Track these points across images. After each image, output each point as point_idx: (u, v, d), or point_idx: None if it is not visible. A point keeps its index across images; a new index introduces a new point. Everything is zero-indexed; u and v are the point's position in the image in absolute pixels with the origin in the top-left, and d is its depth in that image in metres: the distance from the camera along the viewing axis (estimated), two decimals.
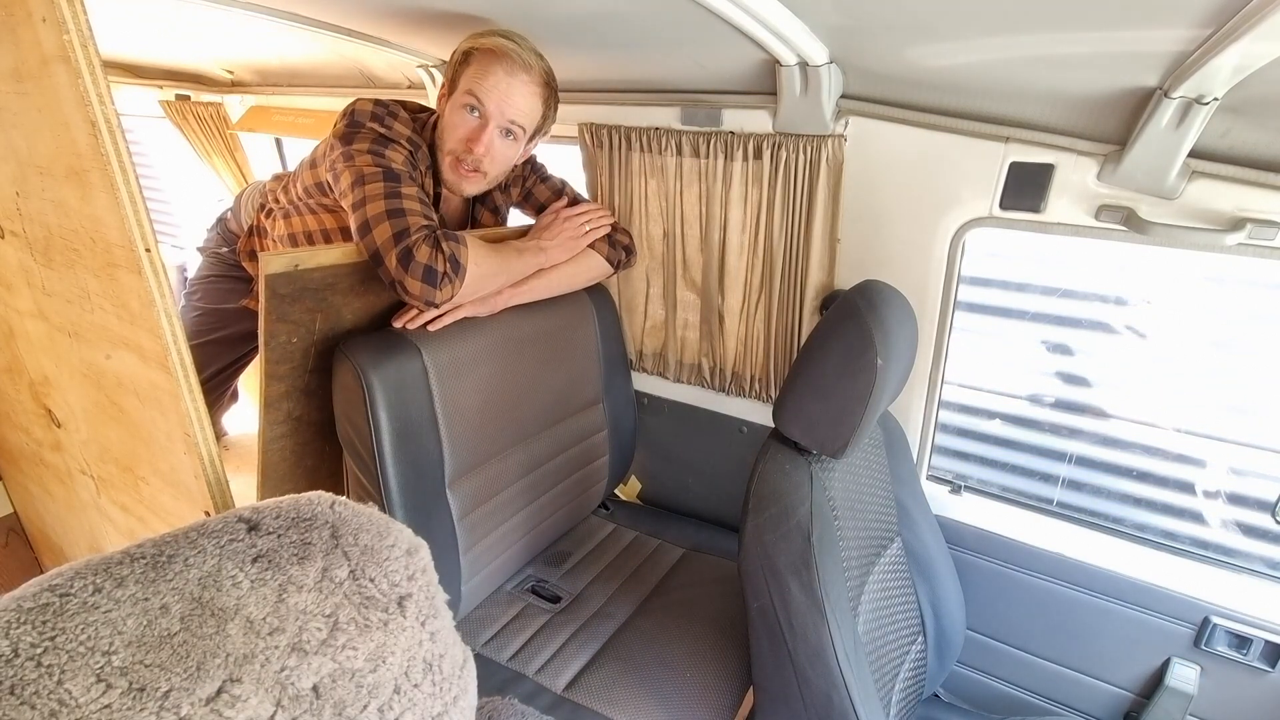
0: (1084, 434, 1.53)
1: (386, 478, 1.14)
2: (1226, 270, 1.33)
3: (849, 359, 0.93)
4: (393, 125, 1.21)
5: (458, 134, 1.24)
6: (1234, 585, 1.22)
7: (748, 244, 1.46)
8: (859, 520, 1.10)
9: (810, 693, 0.96)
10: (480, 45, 1.19)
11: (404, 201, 1.10)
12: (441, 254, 1.08)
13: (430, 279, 1.07)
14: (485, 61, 1.19)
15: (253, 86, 2.48)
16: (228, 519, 0.52)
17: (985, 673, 1.48)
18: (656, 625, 1.38)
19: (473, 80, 1.20)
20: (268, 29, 1.53)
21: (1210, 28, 0.77)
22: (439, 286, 1.08)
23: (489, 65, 1.19)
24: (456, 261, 1.10)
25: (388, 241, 1.06)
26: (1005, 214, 1.18)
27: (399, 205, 1.10)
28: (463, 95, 1.21)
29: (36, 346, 1.23)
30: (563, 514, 1.57)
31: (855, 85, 1.21)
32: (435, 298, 1.09)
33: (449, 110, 1.24)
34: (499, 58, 1.18)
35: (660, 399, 1.79)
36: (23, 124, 0.93)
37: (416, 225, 1.08)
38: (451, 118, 1.24)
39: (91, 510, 1.38)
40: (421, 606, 0.55)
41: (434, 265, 1.07)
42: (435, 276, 1.08)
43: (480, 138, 1.22)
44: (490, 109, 1.21)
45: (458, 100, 1.22)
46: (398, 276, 1.06)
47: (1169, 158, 0.98)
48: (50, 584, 0.44)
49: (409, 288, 1.07)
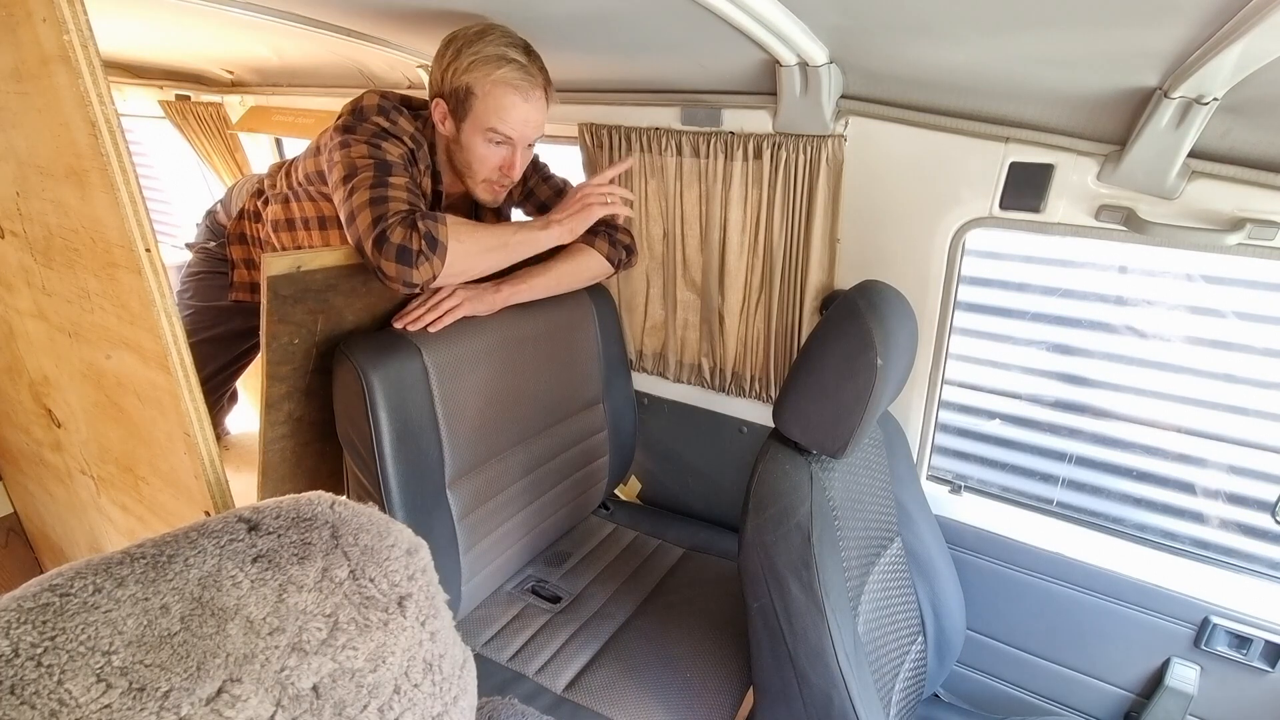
0: (1084, 434, 1.53)
1: (387, 478, 1.14)
2: (1226, 270, 1.33)
3: (849, 359, 0.93)
4: (397, 120, 1.20)
5: (490, 164, 1.24)
6: (1234, 585, 1.22)
7: (748, 244, 1.46)
8: (859, 520, 1.10)
9: (810, 693, 0.96)
10: (491, 80, 1.15)
11: (389, 190, 1.10)
12: (416, 233, 1.07)
13: (405, 259, 1.06)
14: (500, 94, 1.16)
15: (253, 86, 2.48)
16: (228, 519, 0.52)
17: (985, 673, 1.48)
18: (656, 625, 1.38)
19: (493, 116, 1.18)
20: (268, 29, 1.53)
21: (1210, 28, 0.77)
22: (415, 265, 1.07)
23: (506, 97, 1.17)
24: (434, 239, 1.09)
25: (367, 228, 1.07)
26: (1005, 214, 1.18)
27: (383, 194, 1.09)
28: (485, 132, 1.19)
29: (36, 346, 1.23)
30: (563, 514, 1.57)
31: (855, 85, 1.21)
32: (412, 277, 1.07)
33: (469, 139, 1.22)
34: (514, 88, 1.16)
35: (660, 399, 1.79)
36: (23, 124, 0.93)
37: (394, 210, 1.08)
38: (477, 150, 1.22)
39: (91, 510, 1.38)
40: (421, 606, 0.55)
41: (408, 245, 1.06)
42: (410, 255, 1.06)
43: (515, 162, 1.24)
44: (516, 138, 1.21)
45: (478, 134, 1.20)
46: (374, 261, 1.06)
47: (1169, 158, 0.98)
48: (50, 584, 0.44)
49: (385, 270, 1.06)
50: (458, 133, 1.22)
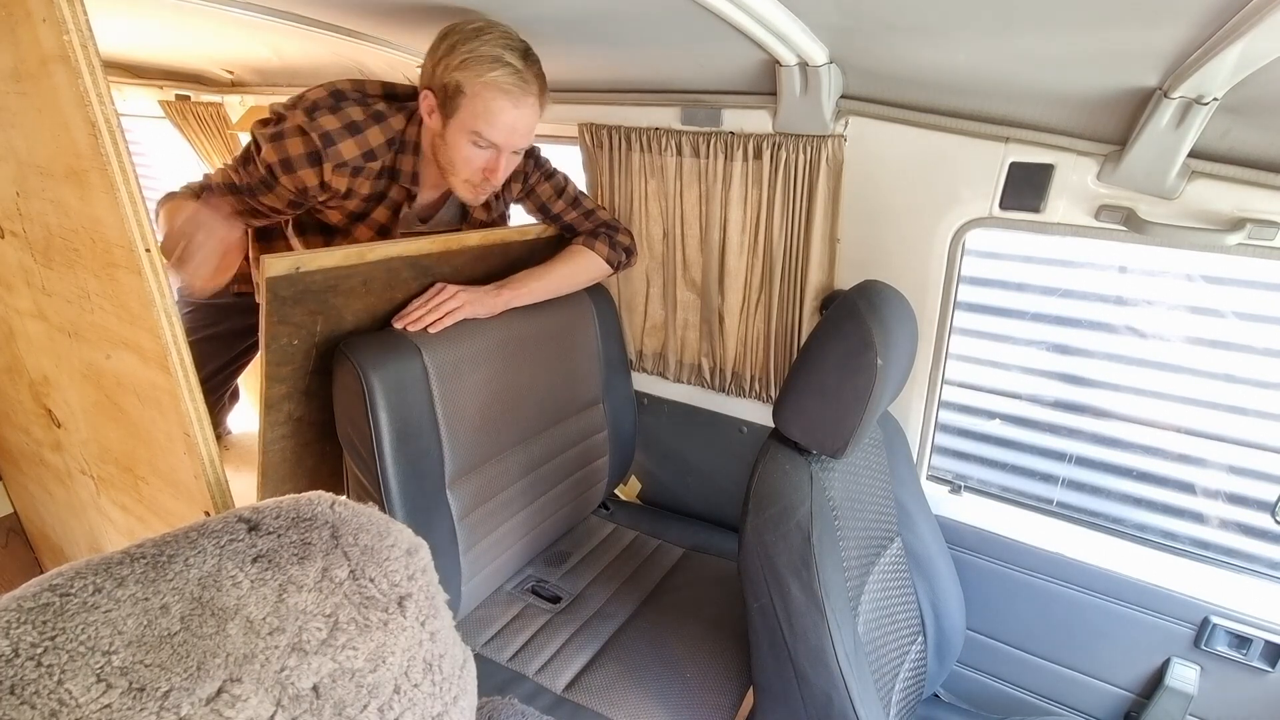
0: (1084, 434, 1.53)
1: (386, 478, 1.14)
2: (1226, 270, 1.33)
3: (849, 359, 0.93)
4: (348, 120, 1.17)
5: (472, 165, 1.19)
6: (1234, 585, 1.22)
7: (747, 244, 1.46)
8: (859, 520, 1.10)
9: (810, 693, 0.96)
10: (482, 81, 1.10)
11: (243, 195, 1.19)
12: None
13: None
14: (489, 97, 1.12)
15: (253, 86, 2.48)
16: (228, 519, 0.52)
17: (985, 673, 1.48)
18: (656, 625, 1.38)
19: (480, 119, 1.13)
20: (267, 29, 1.53)
21: (1210, 28, 0.77)
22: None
23: (495, 101, 1.12)
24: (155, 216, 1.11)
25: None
26: (1005, 214, 1.18)
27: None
28: (470, 133, 1.15)
29: (36, 346, 1.23)
30: (563, 514, 1.57)
31: (855, 85, 1.21)
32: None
33: (454, 138, 1.17)
34: (504, 93, 1.11)
35: (660, 399, 1.78)
36: (22, 124, 0.93)
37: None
38: (461, 150, 1.18)
39: (91, 510, 1.37)
40: (421, 606, 0.55)
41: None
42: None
43: (497, 167, 1.20)
44: (502, 144, 1.17)
45: (463, 134, 1.16)
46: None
47: (1169, 158, 0.98)
48: (50, 584, 0.44)
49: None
50: (443, 129, 1.18)
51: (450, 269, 1.33)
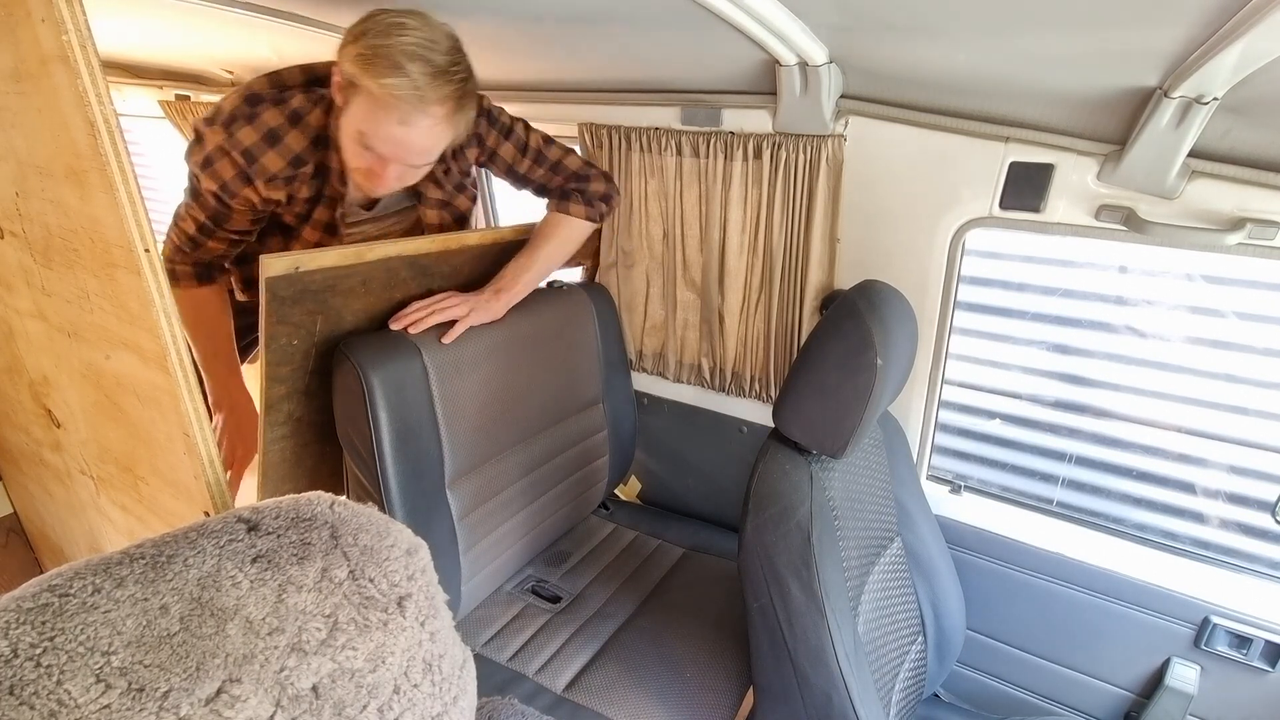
0: (1084, 434, 1.53)
1: (386, 478, 1.14)
2: (1226, 270, 1.33)
3: (849, 359, 0.93)
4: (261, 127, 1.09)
5: (357, 164, 1.09)
6: (1234, 585, 1.22)
7: (747, 244, 1.46)
8: (859, 520, 1.10)
9: (810, 693, 0.96)
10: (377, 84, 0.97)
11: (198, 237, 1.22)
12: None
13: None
14: (375, 106, 0.99)
15: None
16: (227, 519, 0.52)
17: (985, 673, 1.48)
18: (656, 625, 1.38)
19: (365, 124, 1.01)
20: (267, 29, 1.53)
21: (1210, 28, 0.77)
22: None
23: (381, 112, 0.99)
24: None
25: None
26: (1005, 214, 1.18)
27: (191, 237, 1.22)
28: (356, 133, 1.04)
29: (36, 346, 1.23)
30: (563, 514, 1.57)
31: (855, 85, 1.21)
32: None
33: (345, 129, 1.06)
34: (391, 107, 0.98)
35: (660, 399, 1.78)
36: (22, 124, 0.93)
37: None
38: (347, 145, 1.07)
39: (91, 510, 1.37)
40: (421, 606, 0.55)
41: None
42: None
43: (384, 174, 1.08)
44: (387, 155, 1.05)
45: (351, 131, 1.05)
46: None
47: (1169, 158, 0.98)
48: (50, 584, 0.44)
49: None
50: (339, 115, 1.07)
51: (449, 268, 1.33)
